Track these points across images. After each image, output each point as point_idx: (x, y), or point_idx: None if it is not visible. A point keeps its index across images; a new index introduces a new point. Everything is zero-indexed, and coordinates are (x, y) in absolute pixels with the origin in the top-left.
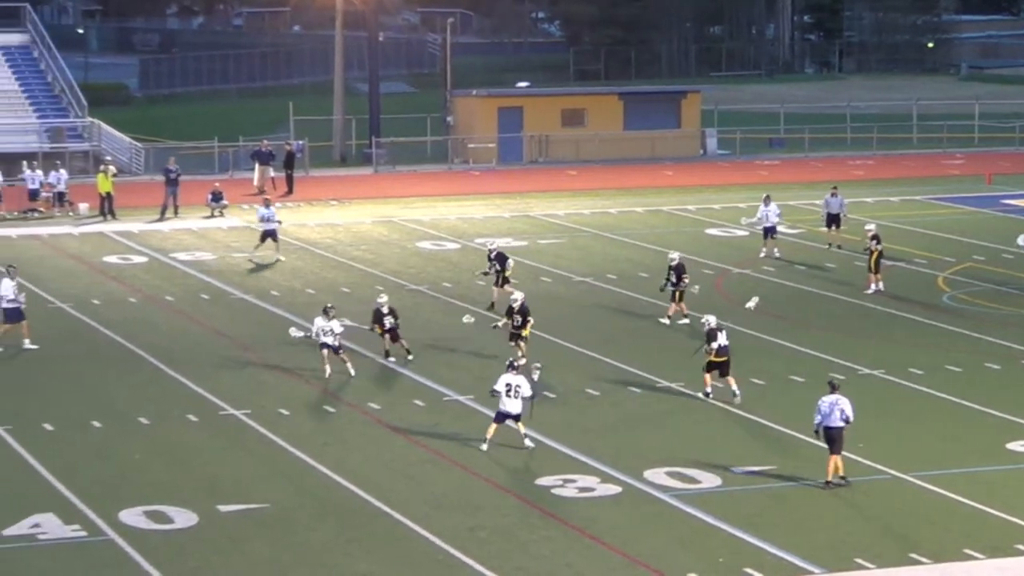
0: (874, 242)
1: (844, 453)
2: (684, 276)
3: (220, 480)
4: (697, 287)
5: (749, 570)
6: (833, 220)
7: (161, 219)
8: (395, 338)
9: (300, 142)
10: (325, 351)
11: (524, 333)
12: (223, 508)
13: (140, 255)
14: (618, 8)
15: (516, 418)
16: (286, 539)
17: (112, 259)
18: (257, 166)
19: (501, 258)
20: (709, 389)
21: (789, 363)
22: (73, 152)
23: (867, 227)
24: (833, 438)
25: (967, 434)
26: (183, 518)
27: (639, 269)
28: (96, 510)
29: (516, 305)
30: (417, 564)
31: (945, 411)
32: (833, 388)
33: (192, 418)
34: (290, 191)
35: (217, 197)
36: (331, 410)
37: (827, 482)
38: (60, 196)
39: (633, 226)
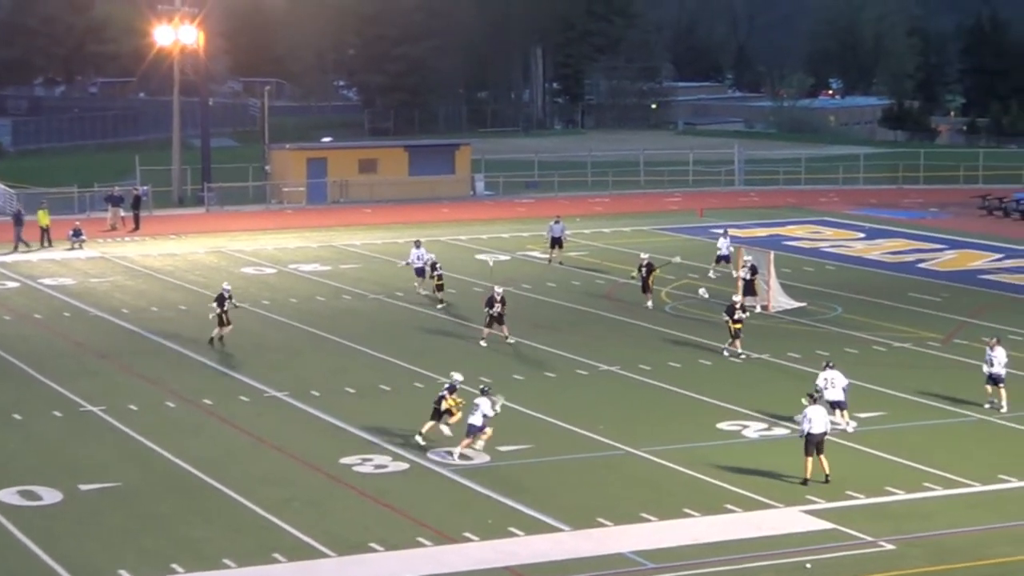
0: (647, 268)
1: (586, 432)
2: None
3: (81, 464)
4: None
5: (512, 528)
6: (556, 243)
7: (14, 251)
8: None
9: (145, 187)
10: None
11: None
12: (83, 487)
13: (13, 281)
14: (403, 78)
15: None
16: (136, 511)
17: None
18: (110, 207)
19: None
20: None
21: (544, 362)
22: None
23: (642, 255)
24: (817, 442)
25: (685, 416)
26: (50, 495)
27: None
28: None
29: None
30: (244, 530)
31: (668, 399)
32: (814, 400)
33: (57, 414)
34: (137, 227)
35: (77, 233)
36: (171, 405)
37: (805, 480)
38: None
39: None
